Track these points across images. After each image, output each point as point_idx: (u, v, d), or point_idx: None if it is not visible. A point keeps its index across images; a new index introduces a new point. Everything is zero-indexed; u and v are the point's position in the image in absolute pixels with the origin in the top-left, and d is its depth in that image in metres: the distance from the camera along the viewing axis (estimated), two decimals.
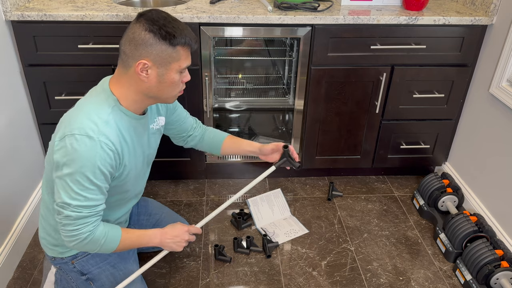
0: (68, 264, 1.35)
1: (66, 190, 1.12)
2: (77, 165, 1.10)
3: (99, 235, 1.20)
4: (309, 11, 1.85)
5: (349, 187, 2.27)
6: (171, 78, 1.17)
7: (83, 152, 1.09)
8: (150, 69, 1.13)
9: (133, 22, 1.13)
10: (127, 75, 1.16)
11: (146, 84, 1.16)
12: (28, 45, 1.76)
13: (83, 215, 1.15)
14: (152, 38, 1.10)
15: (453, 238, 1.80)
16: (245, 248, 1.84)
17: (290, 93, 2.27)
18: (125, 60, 1.14)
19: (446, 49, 1.93)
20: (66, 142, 1.10)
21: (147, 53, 1.11)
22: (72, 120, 1.13)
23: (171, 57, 1.14)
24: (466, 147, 2.11)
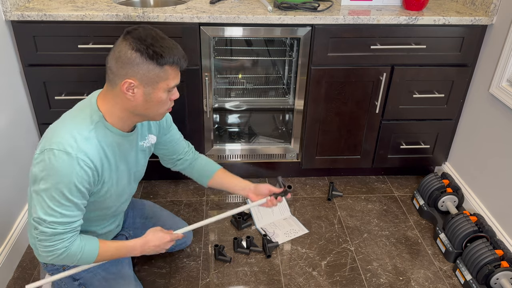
0: (60, 270, 1.34)
1: (42, 205, 1.11)
2: (53, 180, 1.08)
3: (75, 250, 1.18)
4: (309, 11, 1.85)
5: (349, 187, 2.27)
6: (158, 97, 1.14)
7: (60, 168, 1.07)
8: (137, 88, 1.10)
9: (120, 40, 1.09)
10: (113, 92, 1.13)
11: (132, 103, 1.13)
12: (28, 45, 1.76)
13: (58, 231, 1.13)
14: (139, 57, 1.06)
15: (453, 238, 1.80)
16: (245, 248, 1.84)
17: (290, 93, 2.27)
18: (112, 77, 1.12)
19: (446, 49, 1.93)
20: (45, 156, 1.08)
21: (134, 72, 1.08)
22: (55, 134, 1.11)
23: (159, 77, 1.10)
24: (466, 147, 2.11)
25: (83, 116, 1.14)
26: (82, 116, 1.14)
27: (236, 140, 2.27)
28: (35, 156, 1.12)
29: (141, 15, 1.74)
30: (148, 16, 1.74)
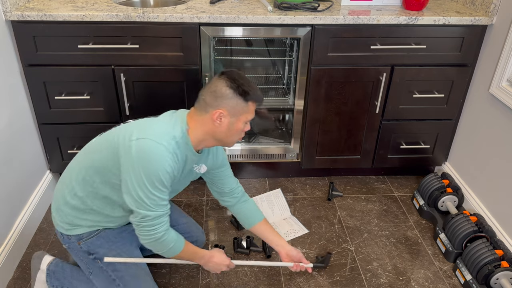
0: (75, 244, 1.44)
1: (143, 191, 1.26)
2: (153, 168, 1.24)
3: (170, 239, 1.36)
4: (309, 11, 1.85)
5: (349, 187, 2.27)
6: (238, 127, 1.36)
7: (159, 158, 1.24)
8: (224, 117, 1.32)
9: (216, 78, 1.33)
10: (202, 118, 1.33)
11: (217, 129, 1.34)
12: (28, 45, 1.76)
13: (159, 214, 1.30)
14: (231, 93, 1.30)
15: (453, 238, 1.80)
16: (245, 248, 1.84)
17: (290, 93, 2.27)
18: (204, 106, 1.33)
19: (446, 49, 1.93)
20: (144, 145, 1.24)
21: (225, 105, 1.30)
22: (151, 128, 1.28)
23: (243, 110, 1.33)
24: (466, 147, 2.11)
25: (176, 124, 1.33)
26: (175, 123, 1.33)
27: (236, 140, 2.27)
28: (132, 143, 1.25)
29: (141, 15, 1.74)
30: (148, 16, 1.74)
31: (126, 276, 1.45)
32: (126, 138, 1.27)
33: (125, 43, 1.80)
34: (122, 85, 1.88)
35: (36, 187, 1.97)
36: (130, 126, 1.33)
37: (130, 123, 1.36)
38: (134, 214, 1.31)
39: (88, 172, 1.36)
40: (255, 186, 2.25)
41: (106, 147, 1.33)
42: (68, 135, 2.00)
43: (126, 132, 1.29)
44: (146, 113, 1.97)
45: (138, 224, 1.31)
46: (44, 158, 2.05)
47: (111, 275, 1.45)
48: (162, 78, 1.89)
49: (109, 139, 1.34)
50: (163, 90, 1.93)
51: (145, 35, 1.79)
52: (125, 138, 1.28)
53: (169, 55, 1.85)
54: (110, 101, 1.93)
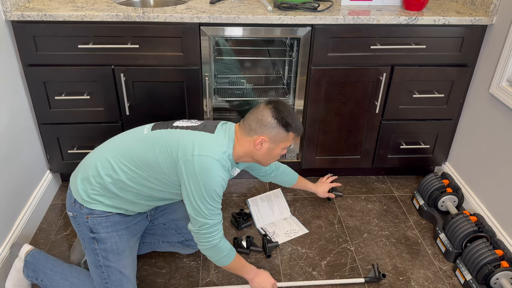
0: (84, 216, 1.46)
1: (203, 201, 1.39)
2: (211, 182, 1.37)
3: (224, 247, 1.47)
4: (309, 11, 1.85)
5: (349, 187, 2.27)
6: (276, 152, 1.50)
7: (217, 174, 1.37)
8: (265, 143, 1.45)
9: (263, 106, 1.45)
10: (246, 139, 1.46)
11: (256, 152, 1.47)
12: (28, 45, 1.76)
13: (215, 222, 1.43)
14: (276, 123, 1.43)
15: (453, 238, 1.80)
16: (245, 248, 1.84)
17: (290, 93, 2.27)
18: (248, 130, 1.45)
19: (446, 49, 1.93)
20: (205, 162, 1.36)
21: (268, 132, 1.44)
22: (211, 145, 1.39)
23: (283, 139, 1.46)
24: (466, 147, 2.11)
25: (229, 141, 1.45)
26: (228, 141, 1.45)
27: None
28: (193, 157, 1.36)
29: (141, 15, 1.74)
30: (148, 16, 1.74)
31: (113, 268, 1.49)
32: (188, 150, 1.37)
33: (125, 43, 1.80)
34: (122, 85, 1.88)
35: (36, 187, 1.97)
36: (190, 136, 1.41)
37: (189, 132, 1.43)
38: (193, 222, 1.43)
39: (136, 162, 1.42)
40: (255, 186, 2.25)
41: (164, 149, 1.40)
42: (68, 135, 2.00)
43: (187, 143, 1.38)
44: (146, 113, 1.97)
45: (197, 232, 1.43)
46: (44, 158, 2.05)
47: (99, 261, 1.49)
48: (162, 78, 1.90)
49: (167, 143, 1.41)
50: (163, 90, 1.93)
51: (145, 35, 1.79)
52: (186, 149, 1.37)
53: (169, 55, 1.85)
54: (110, 101, 1.93)
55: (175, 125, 1.47)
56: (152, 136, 1.44)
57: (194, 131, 1.44)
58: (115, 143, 1.49)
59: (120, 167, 1.43)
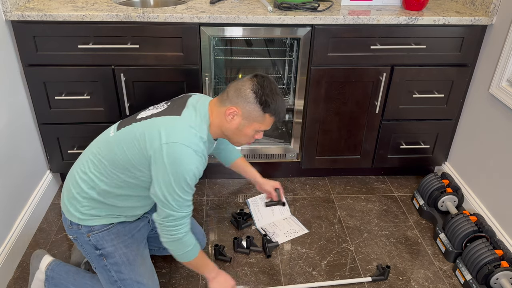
0: (84, 235, 1.41)
1: (170, 192, 1.28)
2: (182, 171, 1.26)
3: (189, 241, 1.38)
4: (309, 11, 1.85)
5: (349, 187, 2.27)
6: (247, 132, 1.37)
7: (188, 160, 1.26)
8: (237, 116, 1.33)
9: (248, 77, 1.34)
10: (219, 110, 1.36)
11: (226, 125, 1.36)
12: (28, 45, 1.76)
13: (182, 215, 1.33)
14: (253, 98, 1.31)
15: (453, 238, 1.80)
16: (245, 248, 1.84)
17: (290, 93, 2.27)
18: (225, 99, 1.35)
19: (446, 49, 1.93)
20: (175, 149, 1.25)
21: (242, 105, 1.32)
22: (180, 130, 1.28)
23: (257, 119, 1.34)
24: (466, 147, 2.11)
25: (202, 122, 1.34)
26: (200, 122, 1.34)
27: None
28: (161, 146, 1.26)
29: (141, 15, 1.74)
30: (148, 16, 1.74)
31: (129, 279, 1.43)
32: (155, 140, 1.27)
33: (125, 43, 1.80)
34: (122, 85, 1.88)
35: (36, 187, 1.97)
36: (155, 125, 1.30)
37: (154, 121, 1.32)
38: (158, 212, 1.33)
39: (110, 167, 1.35)
40: (255, 186, 2.24)
41: (132, 146, 1.31)
42: (68, 135, 2.00)
43: (153, 132, 1.28)
44: None
45: (161, 223, 1.33)
46: (44, 158, 2.05)
47: (113, 276, 1.44)
48: (162, 78, 1.90)
49: (134, 139, 1.31)
50: (163, 90, 1.93)
51: (145, 35, 1.79)
52: (153, 140, 1.27)
53: (169, 55, 1.85)
54: (110, 101, 1.93)
55: (139, 117, 1.37)
56: (119, 137, 1.35)
57: (159, 117, 1.33)
58: (88, 152, 1.42)
59: (97, 177, 1.36)
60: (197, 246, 1.42)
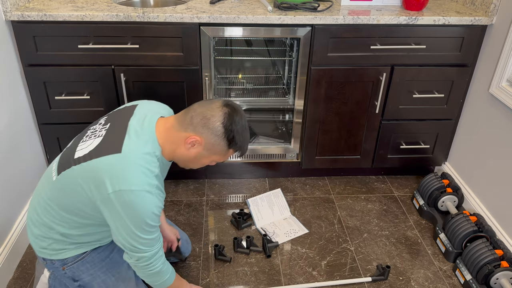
0: (59, 269, 1.35)
1: (133, 237, 1.19)
2: (139, 216, 1.16)
3: (166, 271, 1.33)
4: (309, 11, 1.85)
5: (349, 187, 2.27)
6: (203, 161, 1.28)
7: (144, 205, 1.15)
8: (198, 146, 1.22)
9: (218, 105, 1.21)
10: (177, 135, 1.22)
11: (183, 152, 1.24)
12: (28, 45, 1.76)
13: (153, 252, 1.25)
14: (222, 133, 1.20)
15: (453, 238, 1.80)
16: (245, 248, 1.84)
17: (290, 93, 2.27)
18: (187, 123, 1.21)
19: (446, 49, 1.93)
20: (126, 197, 1.13)
21: (207, 136, 1.20)
22: (125, 173, 1.14)
23: (219, 152, 1.24)
24: (466, 147, 2.11)
25: (148, 152, 1.19)
26: (146, 152, 1.19)
27: None
28: (109, 196, 1.14)
29: (141, 15, 1.74)
30: (148, 16, 1.74)
31: None
32: (102, 190, 1.14)
33: (125, 43, 1.80)
34: (122, 85, 1.88)
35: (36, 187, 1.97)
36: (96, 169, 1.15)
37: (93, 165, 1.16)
38: (129, 255, 1.25)
39: (62, 212, 1.25)
40: (255, 186, 2.25)
41: (76, 195, 1.20)
42: (68, 135, 2.00)
43: (96, 180, 1.14)
44: None
45: (135, 265, 1.27)
46: (44, 158, 2.05)
47: None
48: (162, 78, 1.90)
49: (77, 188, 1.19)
50: (163, 90, 1.93)
51: (145, 35, 1.79)
52: (99, 188, 1.14)
53: (169, 55, 1.85)
54: (110, 101, 1.93)
55: (77, 157, 1.20)
56: (61, 182, 1.22)
57: (99, 159, 1.16)
58: (37, 195, 1.30)
59: (53, 221, 1.26)
60: (173, 272, 1.38)
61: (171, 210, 2.05)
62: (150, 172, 1.17)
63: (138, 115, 1.25)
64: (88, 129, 1.32)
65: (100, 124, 1.30)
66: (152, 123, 1.23)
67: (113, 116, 1.30)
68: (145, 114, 1.26)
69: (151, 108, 1.31)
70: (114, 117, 1.29)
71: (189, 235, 1.91)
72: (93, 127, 1.31)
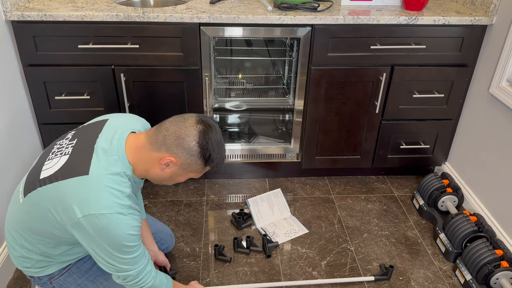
0: (48, 284, 1.32)
1: (115, 259, 1.15)
2: (116, 240, 1.11)
3: (161, 282, 1.29)
4: (309, 11, 1.85)
5: (349, 187, 2.27)
6: (179, 179, 1.23)
7: (119, 227, 1.10)
8: (173, 166, 1.17)
9: (191, 123, 1.15)
10: (150, 155, 1.16)
11: (157, 172, 1.18)
12: (28, 45, 1.76)
13: (140, 268, 1.21)
14: (197, 152, 1.14)
15: (453, 238, 1.80)
16: (245, 248, 1.84)
17: (290, 93, 2.27)
18: (160, 143, 1.14)
19: (446, 49, 1.93)
20: (97, 221, 1.08)
21: (182, 156, 1.14)
22: (92, 198, 1.08)
23: (195, 170, 1.19)
24: (466, 147, 2.11)
25: (117, 172, 1.13)
26: (116, 172, 1.13)
27: (236, 140, 2.28)
28: (79, 220, 1.08)
29: (141, 15, 1.74)
30: (148, 16, 1.74)
31: None
32: (70, 214, 1.08)
33: (125, 43, 1.80)
34: (122, 85, 1.88)
35: None
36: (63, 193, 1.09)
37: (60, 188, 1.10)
38: (115, 275, 1.21)
39: (34, 235, 1.20)
40: (255, 186, 2.25)
41: (45, 217, 1.13)
42: None
43: (64, 204, 1.09)
44: (146, 113, 1.97)
45: (125, 284, 1.23)
46: None
47: None
48: (162, 78, 1.90)
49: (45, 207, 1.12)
50: (163, 90, 1.93)
51: (145, 35, 1.79)
52: (67, 213, 1.09)
53: (169, 55, 1.85)
54: (110, 101, 1.93)
55: (43, 178, 1.14)
56: (28, 206, 1.16)
57: (65, 181, 1.10)
58: (9, 217, 1.25)
59: (31, 243, 1.22)
60: (169, 281, 1.35)
61: (171, 210, 2.05)
62: (121, 193, 1.11)
63: (106, 132, 1.19)
64: (54, 144, 1.26)
65: (67, 139, 1.24)
66: (122, 141, 1.17)
67: (81, 132, 1.24)
68: (114, 130, 1.20)
69: (122, 124, 1.24)
70: (82, 133, 1.23)
71: (189, 235, 1.91)
72: (60, 142, 1.25)
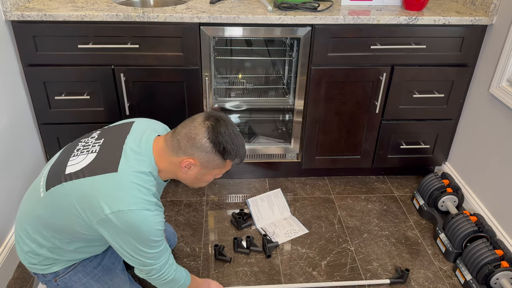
0: (52, 282, 1.33)
1: (141, 254, 1.19)
2: (143, 235, 1.14)
3: (181, 275, 1.33)
4: (309, 11, 1.85)
5: (349, 187, 2.27)
6: (207, 178, 1.26)
7: (147, 223, 1.13)
8: (194, 167, 1.20)
9: (199, 122, 1.17)
10: (172, 160, 1.19)
11: (183, 176, 1.23)
12: (28, 45, 1.76)
13: (163, 262, 1.25)
14: (211, 148, 1.16)
15: (453, 238, 1.80)
16: (245, 248, 1.84)
17: (290, 93, 2.27)
18: (176, 148, 1.18)
19: (446, 49, 1.93)
20: (126, 217, 1.11)
21: (199, 156, 1.17)
22: (121, 195, 1.11)
23: (218, 166, 1.21)
24: (466, 147, 2.11)
25: (144, 170, 1.17)
26: (142, 170, 1.16)
27: None
28: (107, 216, 1.11)
29: (141, 15, 1.74)
30: (148, 16, 1.74)
31: None
32: (97, 210, 1.11)
33: (125, 43, 1.80)
34: (122, 85, 1.88)
35: None
36: (90, 189, 1.11)
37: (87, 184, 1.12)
38: (139, 269, 1.25)
39: (52, 232, 1.22)
40: (255, 186, 2.25)
41: (68, 214, 1.15)
42: (68, 135, 2.00)
43: (92, 201, 1.11)
44: (146, 113, 1.97)
45: (147, 278, 1.28)
46: (44, 158, 2.05)
47: None
48: (162, 78, 1.90)
49: (68, 207, 1.14)
50: (163, 90, 1.93)
51: (145, 35, 1.79)
52: (94, 209, 1.11)
53: (169, 55, 1.85)
54: (110, 101, 1.93)
55: (68, 173, 1.16)
56: (51, 201, 1.17)
57: (93, 177, 1.12)
58: (25, 210, 1.26)
59: (45, 239, 1.24)
60: (188, 275, 1.38)
61: (171, 210, 2.05)
62: (147, 190, 1.15)
63: (135, 133, 1.23)
64: (79, 141, 1.28)
65: (93, 138, 1.26)
66: (150, 142, 1.21)
67: (107, 132, 1.27)
68: (142, 132, 1.24)
69: (149, 126, 1.28)
70: (109, 133, 1.25)
71: (189, 235, 1.91)
72: (85, 140, 1.27)
